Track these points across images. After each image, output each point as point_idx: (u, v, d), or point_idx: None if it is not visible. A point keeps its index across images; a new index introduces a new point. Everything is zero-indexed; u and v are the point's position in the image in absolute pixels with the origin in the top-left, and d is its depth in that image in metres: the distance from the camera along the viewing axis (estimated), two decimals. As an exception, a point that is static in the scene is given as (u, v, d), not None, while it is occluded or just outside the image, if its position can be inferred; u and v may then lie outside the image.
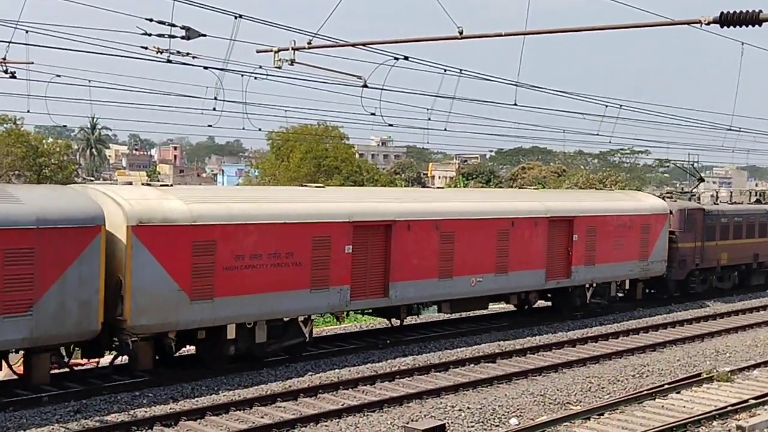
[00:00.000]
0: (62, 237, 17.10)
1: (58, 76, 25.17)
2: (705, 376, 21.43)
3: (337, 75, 20.37)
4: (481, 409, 18.01)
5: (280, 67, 18.15)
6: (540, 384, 20.60)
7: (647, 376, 21.83)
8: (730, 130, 34.31)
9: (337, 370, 21.08)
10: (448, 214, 24.97)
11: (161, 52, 17.62)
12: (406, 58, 19.37)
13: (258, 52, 18.84)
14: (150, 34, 17.29)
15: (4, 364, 18.07)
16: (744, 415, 18.33)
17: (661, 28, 14.18)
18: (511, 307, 30.47)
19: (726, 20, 12.86)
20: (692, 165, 43.48)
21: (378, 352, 23.23)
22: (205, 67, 20.62)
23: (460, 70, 22.19)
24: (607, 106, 29.69)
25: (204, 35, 17.66)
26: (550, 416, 17.82)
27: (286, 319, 21.47)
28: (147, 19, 17.07)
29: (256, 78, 22.53)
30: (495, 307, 31.67)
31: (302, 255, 21.17)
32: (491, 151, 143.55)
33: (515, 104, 24.20)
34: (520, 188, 68.16)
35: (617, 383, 20.93)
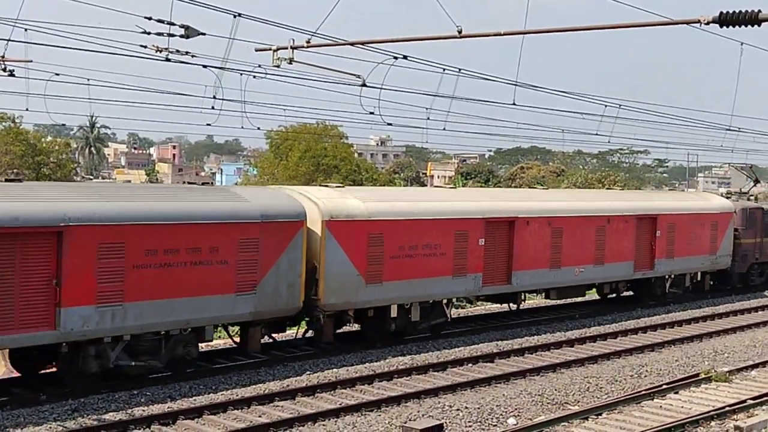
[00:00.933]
0: (278, 229, 20.77)
1: (57, 74, 25.12)
2: (703, 376, 21.43)
3: (336, 74, 20.37)
4: (479, 408, 18.01)
5: (278, 66, 18.14)
6: (538, 384, 20.60)
7: (645, 376, 21.83)
8: (729, 130, 34.40)
9: (335, 370, 21.06)
10: (558, 211, 28.56)
11: (160, 51, 17.59)
12: (405, 57, 19.35)
13: (257, 50, 18.82)
14: (149, 33, 17.27)
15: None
16: (742, 415, 18.33)
17: (661, 27, 14.17)
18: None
19: (725, 20, 12.84)
20: (750, 168, 44.84)
21: (376, 352, 23.21)
22: (204, 66, 20.59)
23: (459, 69, 22.17)
24: (606, 105, 29.69)
25: (203, 34, 17.64)
26: (548, 416, 17.82)
27: (431, 301, 24.76)
28: (146, 18, 17.05)
29: (255, 77, 22.52)
30: (493, 307, 31.73)
31: (447, 247, 24.68)
32: (490, 151, 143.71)
33: (514, 104, 24.17)
34: (519, 187, 68.19)
35: (615, 383, 20.92)
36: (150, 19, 17.07)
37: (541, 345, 24.96)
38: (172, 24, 17.09)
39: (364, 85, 20.69)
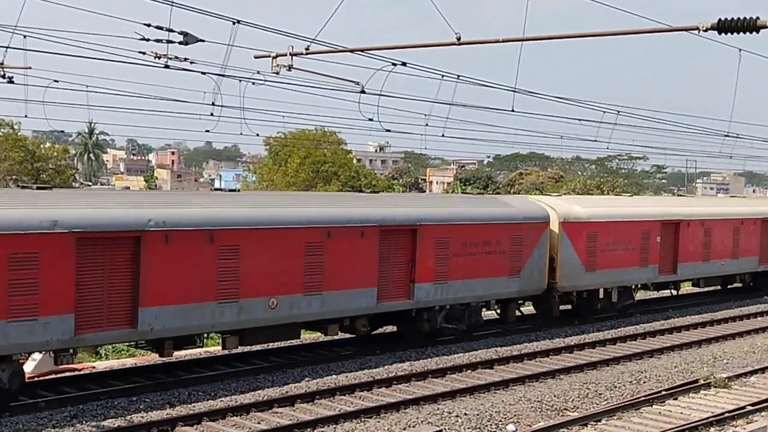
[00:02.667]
0: (533, 228, 27.65)
1: (56, 81, 25.10)
2: (702, 382, 21.43)
3: (335, 80, 20.36)
4: (478, 415, 17.99)
5: (278, 73, 18.10)
6: (537, 390, 20.59)
7: (645, 382, 21.82)
8: (728, 136, 34.43)
9: (334, 376, 21.05)
10: (708, 215, 35.44)
11: (159, 58, 17.58)
12: (404, 63, 19.32)
13: (256, 57, 18.79)
14: (148, 40, 17.25)
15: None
16: (741, 421, 18.33)
17: (660, 34, 14.15)
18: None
19: (724, 27, 12.84)
20: None
21: (375, 359, 23.21)
22: (203, 73, 20.58)
23: (458, 76, 22.17)
24: (604, 112, 29.64)
25: (202, 40, 17.62)
26: (547, 422, 17.80)
27: (624, 286, 31.78)
28: (145, 25, 17.03)
29: (254, 83, 22.50)
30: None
31: (636, 243, 31.47)
32: (489, 157, 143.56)
33: (513, 110, 24.14)
34: (517, 193, 68.27)
35: (614, 389, 20.92)
36: (149, 25, 17.05)
37: (539, 351, 24.95)
38: (171, 30, 17.07)
39: (362, 91, 20.68)
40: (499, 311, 28.23)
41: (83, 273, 17.41)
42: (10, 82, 20.52)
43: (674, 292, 36.97)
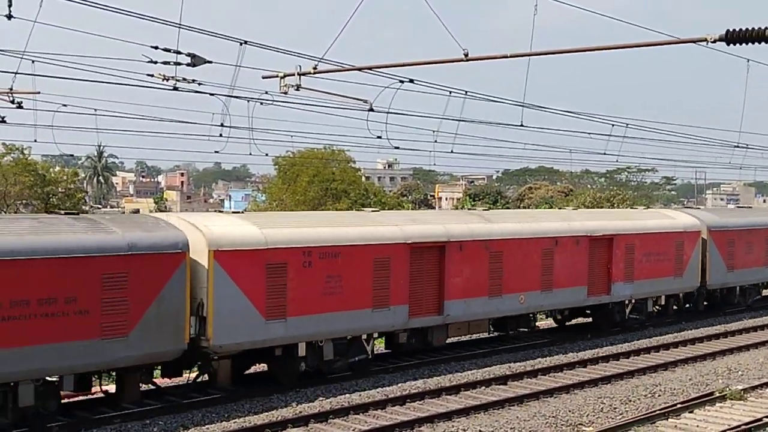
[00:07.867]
0: None
1: (65, 105, 25.18)
2: (718, 394, 21.28)
3: (343, 99, 20.41)
4: (493, 432, 17.91)
5: (286, 93, 18.18)
6: (552, 405, 20.48)
7: (659, 395, 21.69)
8: (738, 147, 34.37)
9: (347, 395, 20.97)
10: None
11: (167, 80, 17.68)
12: (411, 80, 19.38)
13: (264, 77, 18.88)
14: (156, 62, 17.34)
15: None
16: (758, 433, 18.20)
17: (668, 46, 14.17)
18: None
19: (732, 38, 12.84)
20: None
21: (388, 376, 23.11)
22: (212, 94, 20.67)
23: (466, 91, 22.20)
24: (613, 125, 29.66)
25: (210, 62, 17.70)
26: (562, 438, 17.70)
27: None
28: (153, 47, 17.11)
29: (262, 103, 22.57)
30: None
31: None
32: (498, 172, 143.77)
33: (521, 125, 24.16)
34: (527, 207, 68.14)
35: (629, 403, 20.79)
36: (156, 48, 17.14)
37: (554, 366, 24.83)
38: (179, 53, 17.16)
39: (371, 109, 20.73)
40: None
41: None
42: (20, 107, 20.64)
43: None
